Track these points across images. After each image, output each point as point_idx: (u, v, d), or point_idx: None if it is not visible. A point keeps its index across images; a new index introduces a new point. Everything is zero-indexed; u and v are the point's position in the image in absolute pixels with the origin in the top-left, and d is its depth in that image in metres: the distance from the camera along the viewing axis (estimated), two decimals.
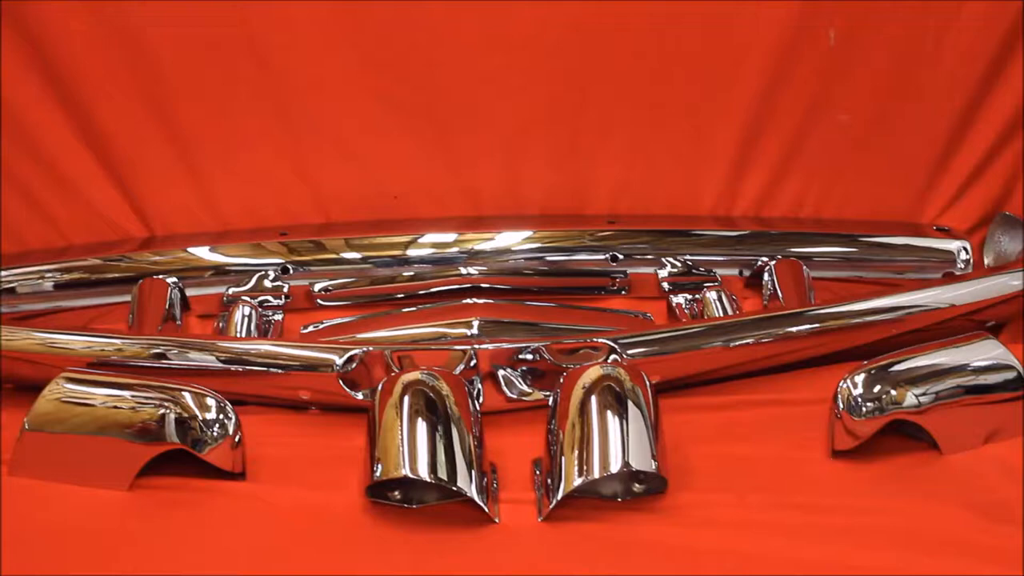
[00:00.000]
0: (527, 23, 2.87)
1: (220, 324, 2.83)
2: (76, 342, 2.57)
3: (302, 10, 2.83)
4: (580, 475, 2.20)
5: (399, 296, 2.95)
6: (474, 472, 2.22)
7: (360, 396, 2.50)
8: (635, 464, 2.19)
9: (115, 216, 2.98)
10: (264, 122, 2.93)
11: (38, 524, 2.25)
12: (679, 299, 2.90)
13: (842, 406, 2.32)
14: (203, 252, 2.92)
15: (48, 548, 2.19)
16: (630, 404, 2.27)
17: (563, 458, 2.23)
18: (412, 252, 2.94)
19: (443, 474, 2.19)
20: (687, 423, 2.45)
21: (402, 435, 2.23)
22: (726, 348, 2.58)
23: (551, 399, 2.36)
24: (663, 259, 2.92)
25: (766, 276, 2.87)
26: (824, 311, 2.64)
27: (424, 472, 2.19)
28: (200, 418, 2.30)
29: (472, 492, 2.20)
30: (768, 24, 2.84)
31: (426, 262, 2.94)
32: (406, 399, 2.29)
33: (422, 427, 2.24)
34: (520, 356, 2.51)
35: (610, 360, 2.48)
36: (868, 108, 2.95)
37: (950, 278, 2.87)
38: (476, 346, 2.50)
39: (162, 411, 2.30)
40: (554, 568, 2.14)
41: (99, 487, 2.31)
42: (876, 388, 2.32)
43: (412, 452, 2.21)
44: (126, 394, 2.34)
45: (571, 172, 3.02)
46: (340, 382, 2.50)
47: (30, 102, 2.86)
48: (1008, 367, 2.35)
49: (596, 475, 2.20)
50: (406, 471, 2.19)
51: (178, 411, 2.30)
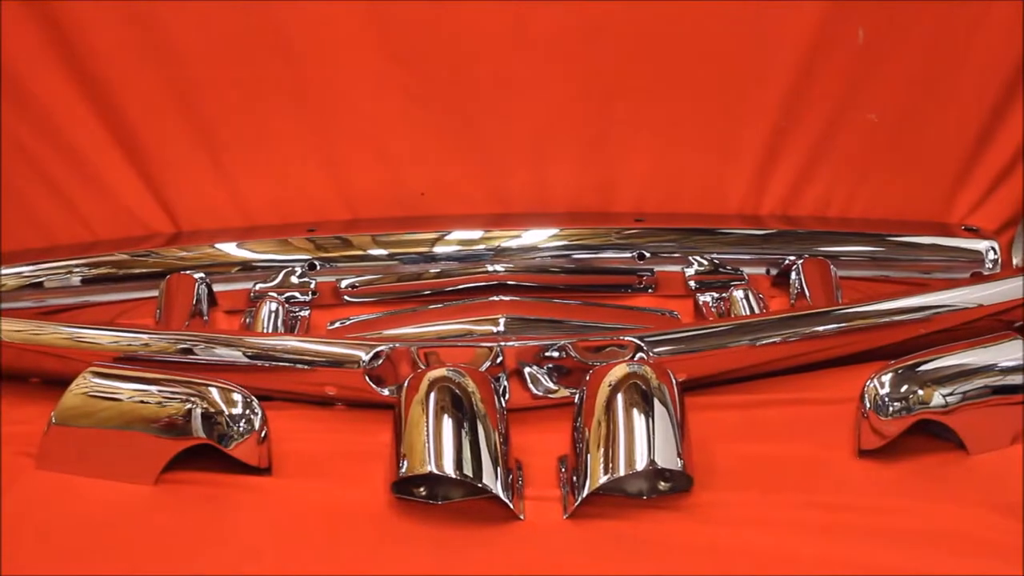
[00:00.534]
0: (555, 21, 2.86)
1: (247, 320, 2.83)
2: (103, 337, 2.58)
3: (331, 7, 2.82)
4: (606, 472, 2.20)
5: (425, 293, 2.95)
6: (500, 469, 2.22)
7: (386, 392, 2.50)
8: (661, 462, 2.19)
9: (143, 211, 2.99)
10: (292, 118, 2.94)
11: (65, 517, 2.26)
12: (706, 297, 2.89)
13: (869, 405, 2.31)
14: (230, 248, 2.92)
15: (74, 541, 2.20)
16: (656, 402, 2.26)
17: (589, 455, 2.23)
18: (439, 249, 2.94)
19: (469, 471, 2.19)
20: (713, 421, 2.45)
21: (428, 431, 2.23)
22: (752, 347, 2.57)
23: (577, 396, 2.36)
24: (690, 257, 2.92)
25: (793, 275, 2.86)
26: (851, 310, 2.63)
27: (450, 468, 2.19)
28: (226, 413, 2.31)
29: (497, 489, 2.20)
30: (796, 22, 2.83)
31: (453, 259, 2.94)
32: (432, 395, 2.29)
33: (448, 423, 2.25)
34: (546, 353, 2.51)
35: (636, 358, 2.48)
36: (896, 107, 2.93)
37: (978, 278, 2.86)
38: (502, 343, 2.50)
39: (189, 406, 2.31)
40: (579, 565, 2.14)
41: (125, 481, 2.32)
42: (903, 388, 2.31)
43: (438, 448, 2.21)
44: (153, 389, 2.35)
45: (598, 170, 3.02)
46: (366, 378, 2.50)
47: (59, 98, 2.86)
48: None
49: (622, 472, 2.19)
50: (432, 467, 2.19)
51: (205, 406, 2.31)
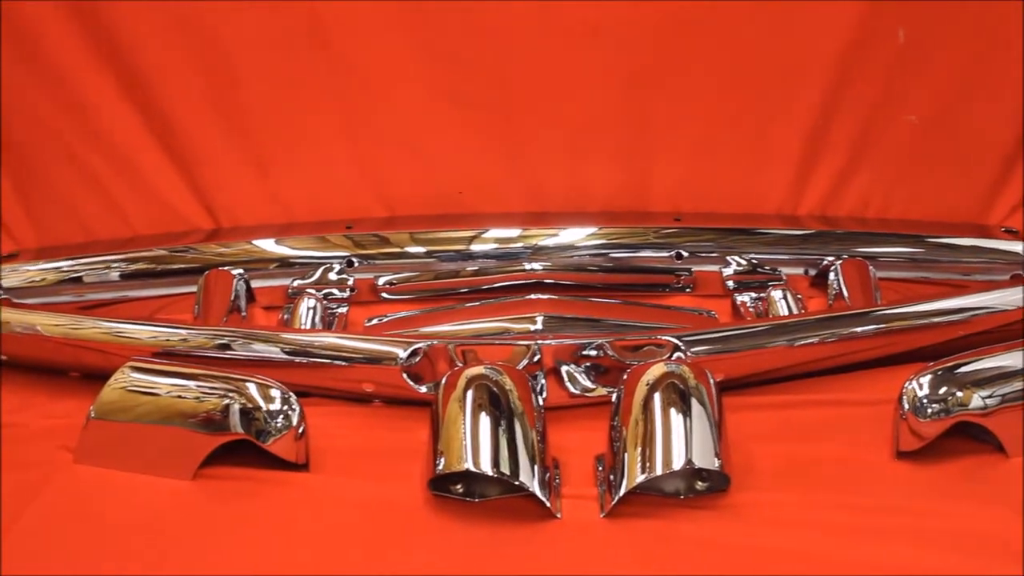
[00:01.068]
0: (593, 20, 2.87)
1: (285, 316, 2.84)
2: (142, 332, 2.59)
3: (369, 6, 2.84)
4: (643, 472, 2.19)
5: (463, 291, 2.96)
6: (536, 467, 2.22)
7: (423, 389, 2.50)
8: (698, 461, 2.19)
9: (182, 207, 3.01)
10: (331, 116, 2.95)
11: (103, 511, 2.27)
12: (744, 297, 2.89)
13: (907, 407, 2.30)
14: (268, 244, 2.93)
15: (112, 535, 2.21)
16: (694, 402, 2.26)
17: (626, 454, 2.23)
18: (476, 247, 2.94)
19: (505, 468, 2.19)
20: (750, 421, 2.44)
21: (465, 429, 2.23)
22: (790, 347, 2.57)
23: (614, 395, 2.35)
24: (728, 257, 2.91)
25: (832, 276, 2.85)
26: (890, 312, 2.62)
27: (487, 466, 2.19)
28: (264, 409, 2.31)
29: (534, 487, 2.20)
30: (836, 22, 2.83)
31: (490, 257, 2.94)
32: (470, 393, 2.29)
33: (485, 421, 2.25)
34: (584, 352, 2.51)
35: (674, 357, 2.48)
36: (936, 107, 2.92)
37: (1017, 280, 2.84)
38: (540, 341, 2.50)
39: (227, 401, 2.31)
40: (615, 564, 2.13)
41: (163, 476, 2.33)
42: (942, 389, 2.30)
43: (475, 446, 2.21)
44: (191, 384, 2.36)
45: (636, 169, 3.02)
46: (404, 375, 2.50)
47: (100, 95, 2.89)
48: None
49: (659, 472, 2.19)
50: (469, 465, 2.19)
51: (243, 401, 2.32)
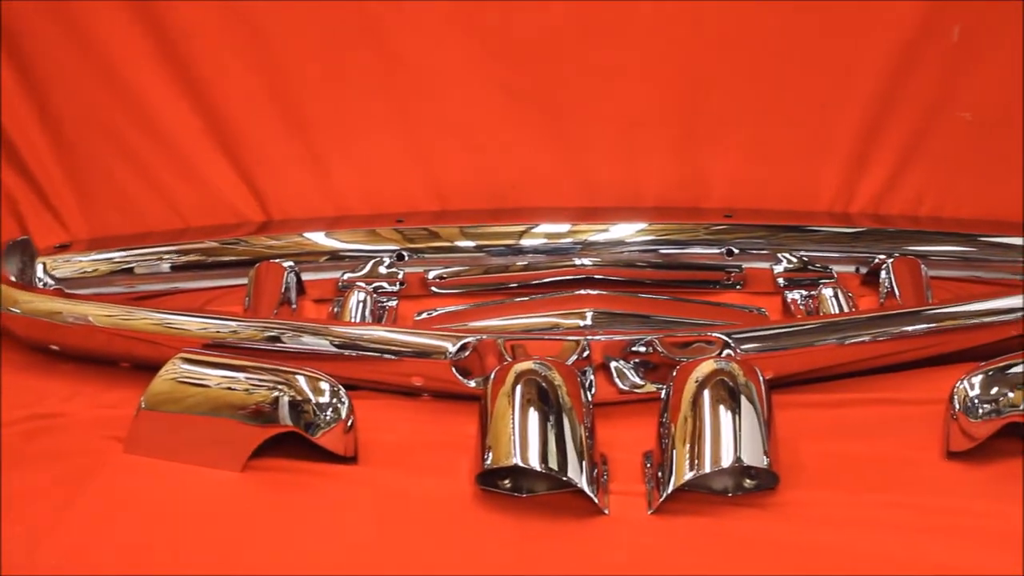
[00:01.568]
0: (647, 16, 2.87)
1: (335, 309, 2.85)
2: (192, 323, 2.60)
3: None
4: (691, 469, 2.19)
5: (512, 285, 2.96)
6: (585, 463, 2.22)
7: (472, 384, 2.51)
8: (747, 459, 2.18)
9: (234, 199, 3.02)
10: (383, 109, 2.96)
11: (152, 502, 2.29)
12: (794, 295, 2.88)
13: (958, 407, 2.29)
14: (319, 237, 2.94)
15: (161, 526, 2.22)
16: (743, 399, 2.25)
17: (674, 451, 2.22)
18: (526, 242, 2.94)
19: (554, 464, 2.19)
20: (799, 420, 2.43)
21: (514, 424, 2.23)
22: (841, 346, 2.55)
23: (663, 392, 2.35)
24: (779, 254, 2.90)
25: (883, 274, 2.84)
26: (941, 311, 2.61)
27: (535, 461, 2.19)
28: (314, 401, 2.32)
29: (582, 483, 2.19)
30: (891, 19, 2.82)
31: (540, 252, 2.94)
32: (518, 388, 2.29)
33: (534, 416, 2.24)
34: (633, 348, 2.50)
35: (724, 354, 2.47)
36: (990, 105, 2.91)
37: None
38: (589, 337, 2.50)
39: (276, 393, 2.32)
40: (663, 561, 2.13)
41: (212, 467, 2.34)
42: (993, 390, 2.29)
43: (523, 441, 2.21)
44: (241, 376, 2.37)
45: (688, 165, 3.01)
46: (453, 369, 2.50)
47: (154, 87, 2.90)
48: None
49: (707, 469, 2.18)
50: (517, 460, 2.19)
51: (292, 394, 2.32)
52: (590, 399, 2.39)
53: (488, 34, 2.89)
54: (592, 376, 2.51)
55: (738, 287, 2.95)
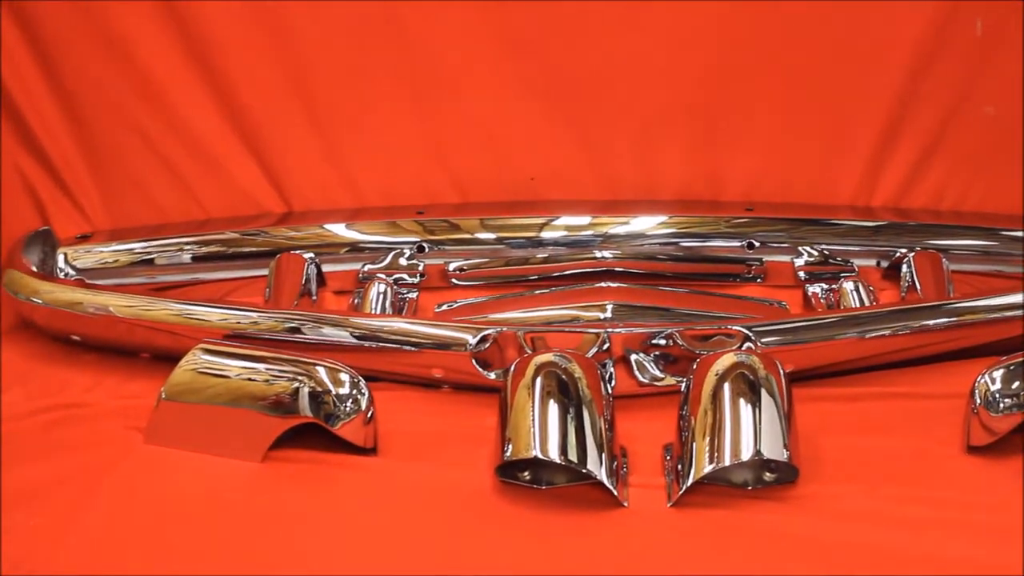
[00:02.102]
0: (668, 11, 2.86)
1: (355, 300, 2.85)
2: (213, 314, 2.61)
3: None
4: (711, 462, 2.19)
5: (533, 278, 2.96)
6: (604, 455, 2.22)
7: (492, 376, 2.51)
8: (767, 452, 2.18)
9: (255, 191, 3.03)
10: (404, 102, 2.96)
11: (172, 492, 2.29)
12: (815, 288, 2.87)
13: (979, 401, 2.28)
14: (339, 229, 2.95)
15: (181, 516, 2.23)
16: (763, 392, 2.25)
17: (694, 444, 2.22)
18: (547, 234, 2.94)
19: (573, 456, 2.19)
20: (820, 413, 2.43)
21: (533, 416, 2.23)
22: (861, 339, 2.55)
23: (683, 385, 2.35)
24: (800, 248, 2.90)
25: (904, 268, 2.83)
26: (962, 305, 2.60)
27: (554, 453, 2.19)
28: (334, 392, 2.32)
29: (602, 475, 2.19)
30: (914, 13, 2.81)
31: (560, 244, 2.94)
32: (538, 380, 2.29)
33: (554, 409, 2.24)
34: (653, 341, 2.50)
35: (744, 348, 2.47)
36: (1013, 100, 2.89)
37: None
38: (609, 329, 2.50)
39: (296, 384, 2.32)
40: (682, 554, 2.13)
41: (232, 457, 2.34)
42: (1015, 384, 2.28)
43: (543, 433, 2.21)
44: (261, 367, 2.37)
45: (708, 158, 3.01)
46: (473, 361, 2.51)
47: (175, 79, 2.91)
48: None
49: (727, 462, 2.18)
50: (536, 452, 2.18)
51: (312, 385, 2.32)
52: (610, 392, 2.39)
53: (508, 29, 2.89)
54: (612, 369, 2.50)
55: (759, 280, 2.94)
